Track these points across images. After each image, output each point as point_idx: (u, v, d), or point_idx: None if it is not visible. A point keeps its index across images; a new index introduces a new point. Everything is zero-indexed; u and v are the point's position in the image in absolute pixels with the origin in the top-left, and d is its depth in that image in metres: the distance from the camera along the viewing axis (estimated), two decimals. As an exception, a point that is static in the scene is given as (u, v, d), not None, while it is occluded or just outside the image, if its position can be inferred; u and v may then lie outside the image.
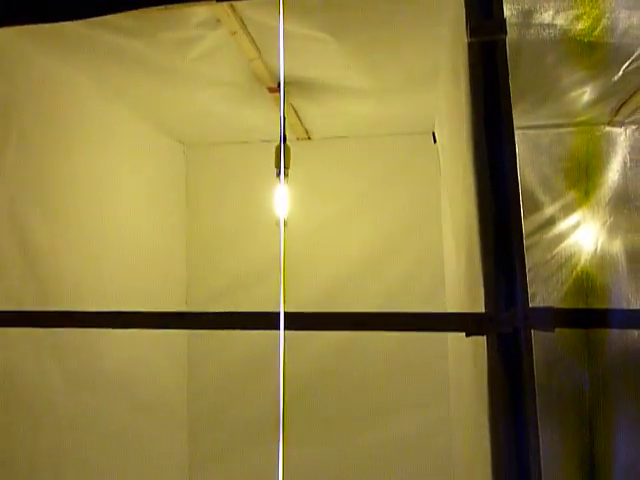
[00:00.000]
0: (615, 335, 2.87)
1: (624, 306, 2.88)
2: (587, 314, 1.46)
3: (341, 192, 3.16)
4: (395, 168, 3.11)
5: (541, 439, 1.27)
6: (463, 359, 1.83)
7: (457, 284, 1.93)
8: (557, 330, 2.99)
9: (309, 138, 3.21)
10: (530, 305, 1.34)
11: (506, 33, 1.44)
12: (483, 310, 1.38)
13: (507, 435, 1.33)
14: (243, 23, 1.92)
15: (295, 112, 2.84)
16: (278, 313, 1.51)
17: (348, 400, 2.99)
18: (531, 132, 3.08)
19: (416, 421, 2.92)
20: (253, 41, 2.05)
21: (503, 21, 1.45)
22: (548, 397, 2.87)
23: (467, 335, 1.40)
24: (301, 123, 2.99)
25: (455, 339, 2.16)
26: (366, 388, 2.97)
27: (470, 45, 1.45)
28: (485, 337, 1.36)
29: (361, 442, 2.96)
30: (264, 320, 1.58)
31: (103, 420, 2.43)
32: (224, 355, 3.15)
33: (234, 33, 1.95)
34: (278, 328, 1.51)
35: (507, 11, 1.82)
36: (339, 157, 3.18)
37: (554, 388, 2.90)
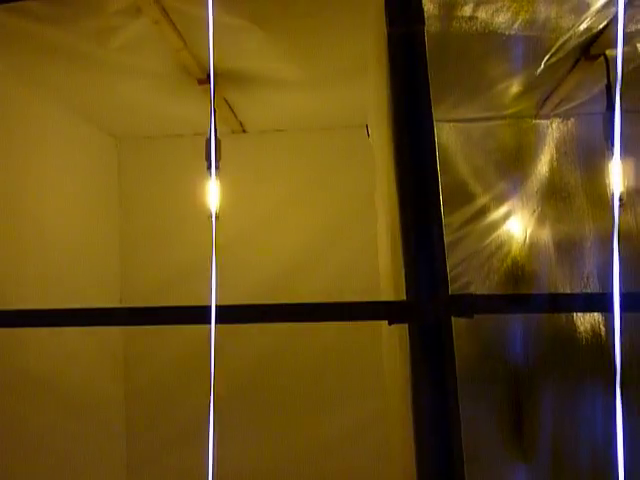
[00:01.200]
0: (546, 320, 2.99)
1: (552, 291, 3.00)
2: (505, 300, 1.50)
3: (277, 186, 3.15)
4: (331, 161, 3.11)
5: (474, 414, 1.30)
6: (392, 348, 1.85)
7: (387, 275, 1.95)
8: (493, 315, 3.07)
9: (244, 131, 3.18)
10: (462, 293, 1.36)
11: (424, 24, 1.45)
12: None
13: (430, 421, 1.36)
14: (166, 12, 1.87)
15: (228, 105, 2.80)
16: (209, 306, 1.49)
17: (287, 394, 2.99)
18: (463, 125, 3.15)
19: (354, 413, 2.94)
20: (178, 31, 2.00)
21: (421, 12, 1.46)
22: (482, 377, 2.97)
23: (389, 323, 1.42)
24: (235, 116, 2.95)
25: (387, 328, 2.19)
26: (305, 381, 2.97)
27: (389, 36, 1.46)
28: (407, 325, 1.38)
29: (299, 435, 2.96)
30: (196, 314, 1.55)
31: (31, 423, 2.34)
32: (162, 353, 3.10)
33: (157, 22, 1.90)
34: (210, 322, 1.49)
35: (430, 4, 1.85)
36: (275, 150, 3.17)
37: (489, 369, 2.99)
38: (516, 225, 3.15)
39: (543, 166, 3.17)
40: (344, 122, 2.93)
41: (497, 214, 3.15)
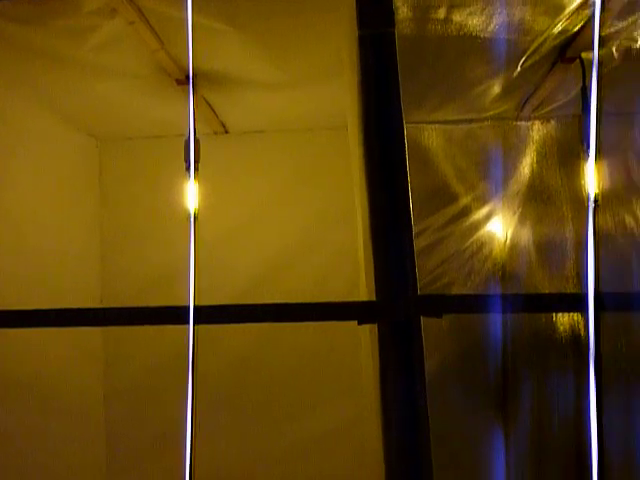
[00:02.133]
0: (526, 319, 3.01)
1: (532, 292, 3.02)
2: (473, 300, 1.51)
3: (259, 186, 3.15)
4: (313, 162, 3.12)
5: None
6: (370, 349, 1.86)
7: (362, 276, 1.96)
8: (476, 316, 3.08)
9: (226, 132, 3.18)
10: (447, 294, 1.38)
11: (394, 26, 1.47)
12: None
13: (398, 420, 1.37)
14: (141, 13, 1.87)
15: (209, 105, 2.80)
16: (188, 307, 1.49)
17: (267, 395, 2.99)
18: (445, 126, 3.17)
19: (334, 413, 2.94)
20: (154, 32, 2.00)
21: (392, 14, 1.48)
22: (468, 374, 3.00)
23: (359, 323, 1.43)
24: (216, 117, 2.95)
25: (365, 329, 2.19)
26: (285, 382, 2.97)
27: (360, 38, 1.47)
28: (377, 325, 1.39)
29: (279, 436, 2.96)
30: (174, 314, 1.56)
31: (9, 425, 2.33)
32: (142, 354, 3.08)
33: (132, 23, 1.90)
34: (188, 322, 1.50)
35: (404, 7, 1.86)
36: (257, 151, 3.17)
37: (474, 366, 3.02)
38: (497, 226, 3.16)
39: (524, 168, 3.19)
40: (325, 123, 2.94)
41: (478, 215, 3.16)
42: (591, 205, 2.45)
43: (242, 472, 2.95)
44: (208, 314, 1.53)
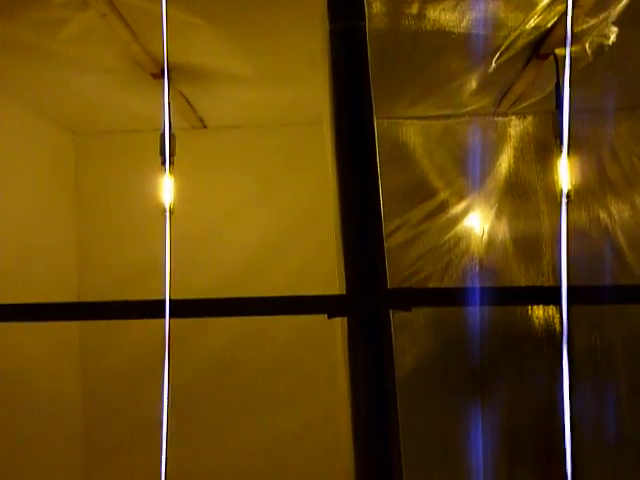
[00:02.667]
0: (501, 314, 3.04)
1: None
2: (442, 293, 1.52)
3: (237, 181, 3.14)
4: (291, 157, 3.11)
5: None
6: (341, 342, 1.87)
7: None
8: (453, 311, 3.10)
9: (204, 127, 3.16)
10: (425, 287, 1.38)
11: (365, 20, 1.47)
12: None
13: (367, 413, 1.37)
14: (113, 5, 1.86)
15: (186, 100, 2.79)
16: (164, 301, 1.49)
17: (244, 390, 2.98)
18: (423, 122, 3.18)
19: (310, 409, 2.94)
20: (127, 24, 1.98)
21: (362, 8, 1.48)
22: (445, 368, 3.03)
23: (329, 317, 1.43)
24: (194, 111, 2.94)
25: (339, 323, 2.20)
26: (263, 377, 2.97)
27: (331, 32, 1.47)
28: (346, 318, 1.40)
29: (255, 431, 2.96)
30: (150, 308, 1.55)
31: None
32: (120, 349, 3.07)
33: (104, 15, 1.88)
34: (164, 316, 1.49)
35: (377, 2, 1.86)
36: (235, 146, 3.16)
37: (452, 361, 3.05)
38: (475, 221, 3.19)
39: (501, 163, 3.21)
40: (302, 119, 2.93)
41: (456, 210, 3.18)
42: (564, 200, 2.49)
43: (217, 466, 2.95)
44: (183, 308, 1.52)
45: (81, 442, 3.07)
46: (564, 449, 1.31)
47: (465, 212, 3.17)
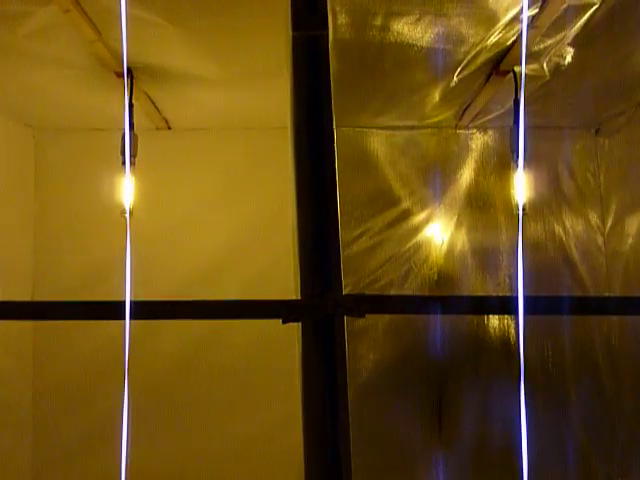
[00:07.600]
0: (459, 322, 3.10)
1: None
2: (396, 300, 1.55)
3: (200, 183, 3.12)
4: (256, 161, 3.12)
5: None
6: (297, 347, 1.88)
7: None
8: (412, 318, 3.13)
9: (169, 128, 3.14)
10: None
11: (327, 29, 1.49)
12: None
13: (318, 419, 1.38)
14: (77, 1, 1.84)
15: (150, 100, 2.77)
16: (123, 302, 1.47)
17: (203, 394, 2.96)
18: (387, 132, 3.23)
19: (269, 413, 2.94)
20: (91, 21, 1.96)
21: (325, 17, 1.50)
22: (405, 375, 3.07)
23: (284, 322, 1.43)
24: (158, 112, 2.92)
25: (298, 328, 2.21)
26: (221, 382, 2.95)
27: (294, 39, 1.49)
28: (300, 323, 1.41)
29: (213, 436, 2.94)
30: (109, 310, 1.53)
31: None
32: (73, 352, 3.00)
33: (67, 11, 1.85)
34: (124, 318, 1.47)
35: (342, 13, 1.89)
36: (199, 148, 3.14)
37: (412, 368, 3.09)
38: (436, 230, 3.25)
39: (462, 175, 3.28)
40: (266, 123, 2.94)
41: (418, 219, 3.23)
42: (520, 213, 2.56)
43: (174, 470, 2.91)
44: (142, 310, 1.51)
45: (31, 446, 2.99)
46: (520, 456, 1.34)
47: (426, 222, 3.22)
